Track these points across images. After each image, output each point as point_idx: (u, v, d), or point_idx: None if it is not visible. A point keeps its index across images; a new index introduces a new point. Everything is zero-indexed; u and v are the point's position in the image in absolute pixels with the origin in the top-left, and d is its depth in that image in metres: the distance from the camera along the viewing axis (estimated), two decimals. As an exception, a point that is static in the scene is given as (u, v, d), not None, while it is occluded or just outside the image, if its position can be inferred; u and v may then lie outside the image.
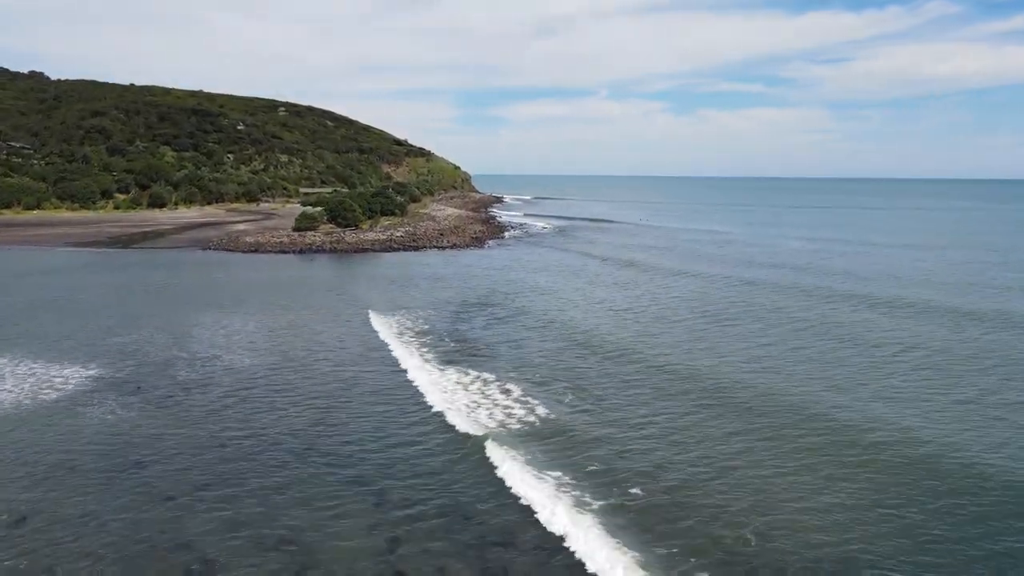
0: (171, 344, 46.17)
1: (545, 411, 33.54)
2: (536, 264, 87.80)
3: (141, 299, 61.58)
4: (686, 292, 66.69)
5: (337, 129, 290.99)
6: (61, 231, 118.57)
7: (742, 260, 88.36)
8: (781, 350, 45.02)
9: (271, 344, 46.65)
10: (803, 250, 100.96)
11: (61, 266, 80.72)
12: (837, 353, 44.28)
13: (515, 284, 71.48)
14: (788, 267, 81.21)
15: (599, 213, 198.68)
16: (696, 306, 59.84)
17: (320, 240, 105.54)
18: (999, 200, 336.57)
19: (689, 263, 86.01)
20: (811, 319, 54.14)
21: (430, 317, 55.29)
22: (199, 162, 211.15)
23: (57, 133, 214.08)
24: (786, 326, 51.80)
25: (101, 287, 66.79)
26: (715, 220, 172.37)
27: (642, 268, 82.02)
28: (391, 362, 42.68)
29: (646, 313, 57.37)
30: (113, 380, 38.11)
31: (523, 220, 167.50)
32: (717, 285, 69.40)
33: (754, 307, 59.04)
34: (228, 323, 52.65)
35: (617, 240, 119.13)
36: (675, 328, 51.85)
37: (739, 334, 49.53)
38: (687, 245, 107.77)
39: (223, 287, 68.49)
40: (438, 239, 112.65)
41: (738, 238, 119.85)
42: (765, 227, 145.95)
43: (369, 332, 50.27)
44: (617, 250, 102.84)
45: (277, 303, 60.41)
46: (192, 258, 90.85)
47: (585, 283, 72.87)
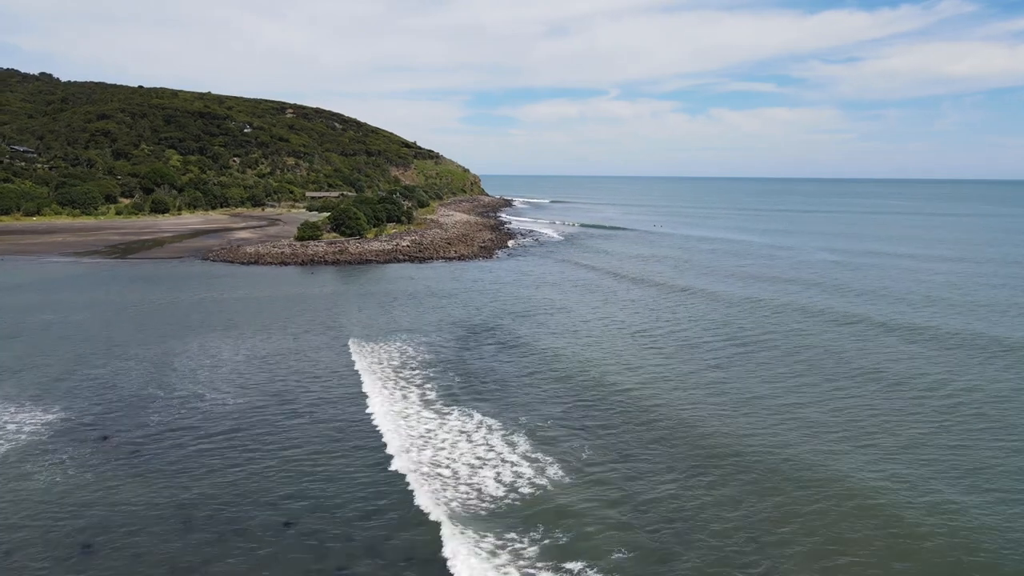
0: (149, 378, 42.31)
1: (554, 476, 29.37)
2: (546, 278, 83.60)
3: (126, 321, 57.85)
4: (708, 316, 62.24)
5: (345, 132, 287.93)
6: (59, 239, 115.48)
7: (765, 276, 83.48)
8: (821, 408, 40.65)
9: (257, 380, 42.67)
10: (828, 263, 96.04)
11: (48, 279, 77.27)
12: (878, 403, 39.87)
13: (524, 304, 67.29)
14: (816, 286, 76.11)
15: (610, 218, 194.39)
16: (720, 335, 55.45)
17: (323, 251, 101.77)
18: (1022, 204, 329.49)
19: (709, 280, 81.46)
20: (848, 354, 49.66)
21: (430, 344, 51.19)
22: (205, 166, 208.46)
23: (62, 136, 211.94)
24: (823, 369, 47.29)
25: (85, 306, 63.15)
26: (731, 226, 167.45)
27: (660, 286, 77.48)
28: (385, 407, 38.61)
29: (667, 344, 53.04)
30: (76, 427, 34.26)
31: (533, 226, 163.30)
32: (741, 309, 64.76)
33: (785, 341, 54.51)
34: (215, 351, 48.79)
35: (630, 250, 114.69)
36: (701, 366, 47.50)
37: (772, 377, 45.12)
38: (705, 258, 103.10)
39: (215, 306, 64.72)
40: (445, 249, 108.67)
41: (757, 249, 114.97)
42: (784, 235, 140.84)
43: (365, 363, 46.24)
44: (631, 263, 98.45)
45: (269, 326, 56.52)
46: (189, 271, 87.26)
47: (599, 302, 68.57)
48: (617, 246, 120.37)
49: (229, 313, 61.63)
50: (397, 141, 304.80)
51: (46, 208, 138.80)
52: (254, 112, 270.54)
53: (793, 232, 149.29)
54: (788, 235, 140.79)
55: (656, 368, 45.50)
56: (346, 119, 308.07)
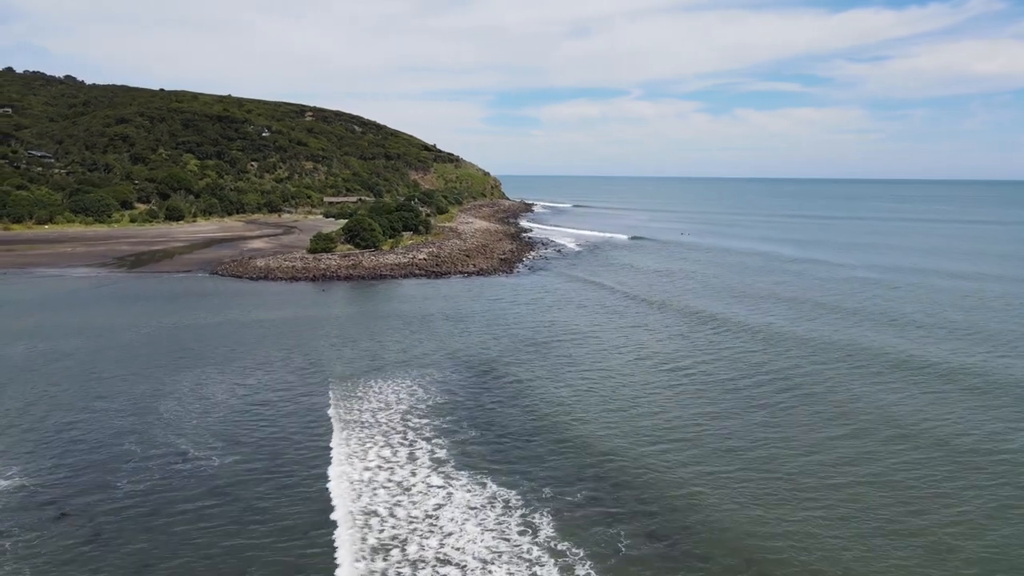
0: (128, 429, 37.96)
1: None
2: (568, 299, 78.48)
3: (116, 350, 53.77)
4: (744, 358, 56.70)
5: (364, 135, 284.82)
6: (67, 249, 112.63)
7: (802, 300, 76.61)
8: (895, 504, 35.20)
9: (251, 434, 38.11)
10: (869, 282, 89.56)
11: (46, 297, 73.74)
12: (941, 474, 34.34)
13: (545, 331, 62.25)
14: (859, 313, 69.29)
15: (634, 225, 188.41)
16: (760, 382, 50.03)
17: (336, 264, 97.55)
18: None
19: (742, 307, 75.63)
20: (901, 411, 44.06)
21: (443, 384, 46.36)
22: (222, 170, 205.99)
23: (81, 140, 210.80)
24: (878, 430, 41.79)
25: (76, 331, 59.26)
26: (760, 236, 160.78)
27: (690, 315, 71.58)
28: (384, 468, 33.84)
29: (705, 393, 47.74)
30: (32, 498, 29.92)
31: (554, 235, 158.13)
32: (781, 345, 58.77)
33: (831, 393, 49.03)
34: (208, 392, 44.41)
35: (656, 263, 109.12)
36: (743, 429, 42.19)
37: (821, 443, 39.79)
38: (735, 276, 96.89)
39: (216, 332, 60.52)
40: (463, 262, 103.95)
41: (790, 264, 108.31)
42: (818, 247, 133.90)
43: (372, 407, 41.51)
44: (658, 282, 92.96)
45: (271, 360, 52.09)
46: (195, 287, 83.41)
47: (625, 332, 63.28)
48: (642, 259, 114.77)
49: (230, 341, 57.35)
50: (417, 144, 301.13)
51: (59, 216, 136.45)
52: (273, 115, 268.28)
53: (826, 243, 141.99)
54: (822, 247, 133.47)
55: (696, 429, 40.25)
56: (365, 122, 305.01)
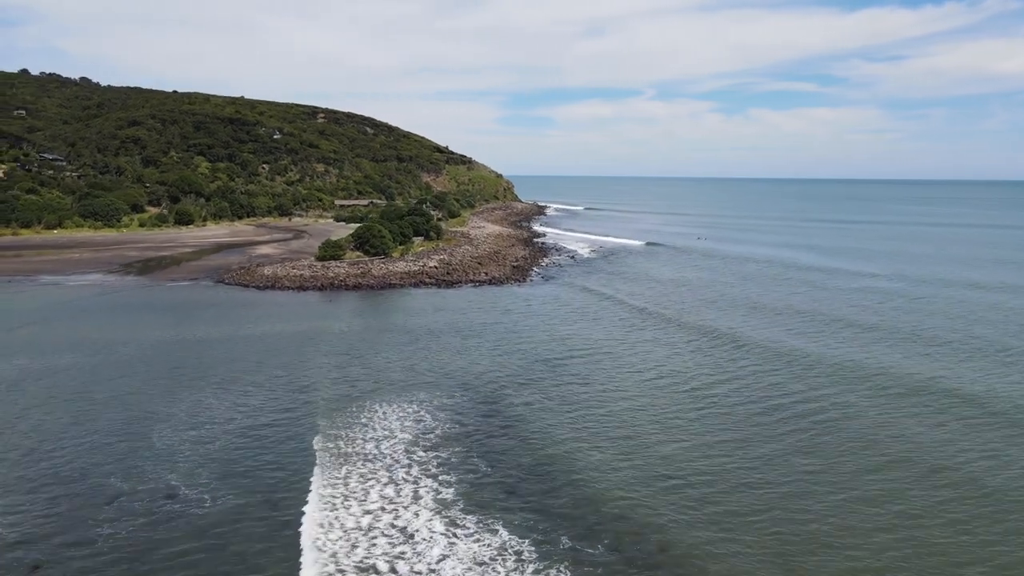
0: (116, 461, 35.71)
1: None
2: (583, 312, 75.72)
3: (111, 369, 51.65)
4: (766, 375, 53.78)
5: (376, 136, 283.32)
6: (75, 255, 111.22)
7: (824, 314, 72.56)
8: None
9: (247, 463, 35.73)
10: (892, 294, 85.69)
11: (46, 308, 71.93)
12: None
13: (560, 347, 59.55)
14: (882, 329, 65.43)
15: (649, 229, 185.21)
16: (784, 406, 47.14)
17: (344, 272, 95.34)
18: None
19: (763, 322, 72.49)
20: (931, 441, 40.96)
21: (451, 409, 43.81)
22: (233, 173, 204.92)
23: (93, 143, 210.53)
24: (907, 463, 38.74)
25: (72, 346, 57.24)
26: (779, 241, 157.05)
27: (708, 333, 68.18)
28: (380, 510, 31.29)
29: (726, 412, 44.89)
30: (2, 545, 27.61)
31: (567, 240, 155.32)
32: (802, 366, 55.76)
33: (857, 418, 46.01)
34: (206, 417, 42.13)
35: (674, 273, 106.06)
36: (769, 450, 39.32)
37: (847, 478, 36.86)
38: (755, 287, 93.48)
39: (218, 349, 58.34)
40: (475, 270, 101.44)
41: (810, 273, 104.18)
42: (838, 255, 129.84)
43: (376, 436, 39.01)
44: (674, 292, 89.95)
45: (274, 379, 49.74)
46: (200, 297, 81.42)
47: (644, 342, 60.52)
48: (658, 267, 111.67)
49: (230, 358, 55.11)
50: (429, 146, 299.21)
51: (68, 220, 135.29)
52: (285, 117, 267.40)
53: (847, 251, 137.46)
54: (843, 255, 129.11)
55: (719, 462, 37.42)
56: (378, 123, 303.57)
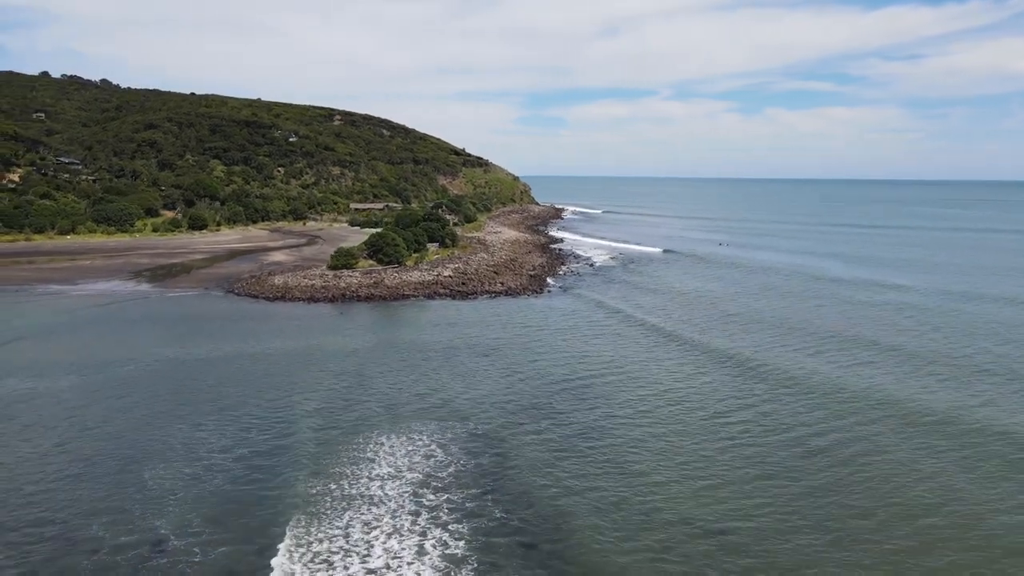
0: (102, 504, 33.24)
1: None
2: (602, 328, 72.60)
3: (108, 392, 49.37)
4: (795, 407, 50.47)
5: (393, 139, 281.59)
6: (86, 263, 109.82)
7: (856, 336, 67.85)
8: None
9: (238, 511, 33.10)
10: (927, 312, 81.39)
11: (48, 322, 70.05)
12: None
13: (579, 367, 56.51)
14: (921, 358, 60.85)
15: (669, 235, 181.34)
16: (817, 450, 43.83)
17: (357, 282, 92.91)
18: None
19: (792, 346, 68.84)
20: (973, 495, 37.44)
21: (464, 442, 40.93)
22: (249, 176, 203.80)
23: (110, 146, 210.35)
24: (945, 519, 35.21)
25: (69, 367, 55.07)
26: (802, 247, 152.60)
27: (732, 360, 65.24)
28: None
29: (757, 449, 41.66)
30: (-28, 614, 25.19)
31: (585, 246, 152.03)
32: (834, 399, 52.47)
33: (891, 464, 42.57)
34: (203, 452, 39.64)
35: (696, 284, 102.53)
36: (806, 502, 36.07)
37: (882, 531, 33.54)
38: (782, 303, 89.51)
39: (221, 369, 55.96)
40: (491, 280, 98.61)
41: (838, 286, 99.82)
42: (866, 264, 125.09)
43: (383, 472, 36.27)
44: (699, 310, 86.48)
45: (277, 405, 47.18)
46: (209, 309, 79.31)
47: (667, 363, 57.32)
48: (679, 278, 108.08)
49: (234, 381, 52.66)
50: (446, 148, 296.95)
51: (81, 226, 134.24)
52: (302, 119, 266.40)
53: (875, 260, 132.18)
54: (870, 265, 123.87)
55: (754, 508, 34.25)
56: (394, 125, 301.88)
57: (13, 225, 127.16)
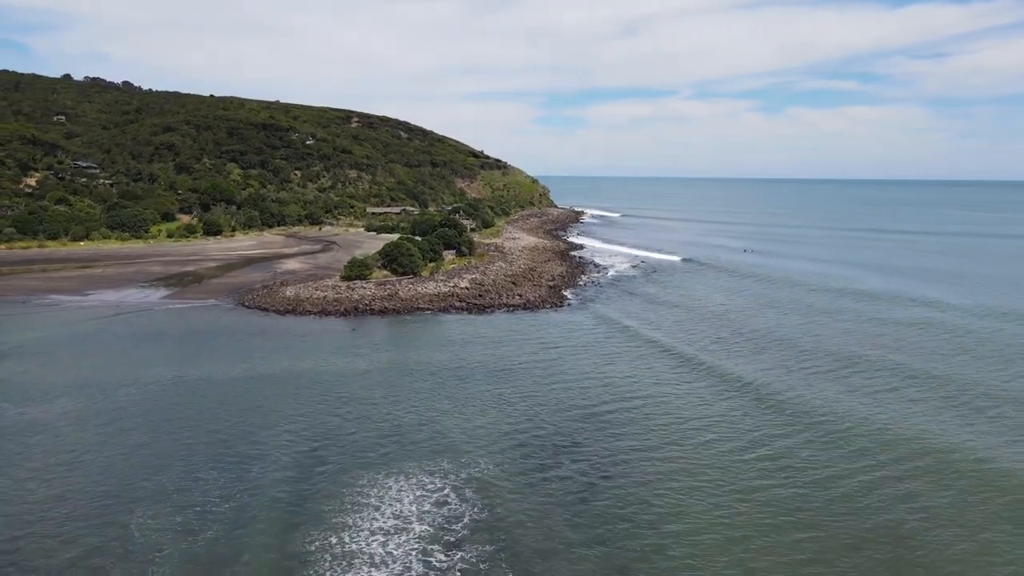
0: (78, 562, 30.30)
1: None
2: (624, 351, 68.96)
3: (103, 422, 46.70)
4: (832, 466, 46.55)
5: (410, 141, 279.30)
6: (98, 271, 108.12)
7: (893, 368, 63.09)
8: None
9: (224, 571, 30.07)
10: (968, 333, 75.59)
11: (50, 339, 67.83)
12: None
13: (602, 394, 52.99)
14: (970, 396, 54.77)
15: (691, 241, 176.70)
16: (861, 511, 39.93)
17: (370, 294, 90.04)
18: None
19: (821, 379, 64.88)
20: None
21: (479, 490, 37.58)
22: (265, 180, 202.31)
23: (128, 149, 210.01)
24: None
25: (65, 388, 52.59)
26: (831, 257, 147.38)
27: (768, 395, 61.38)
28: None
29: (793, 501, 37.89)
30: None
31: (605, 254, 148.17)
32: (876, 450, 48.40)
33: (939, 530, 38.51)
34: (195, 497, 36.72)
35: (720, 300, 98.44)
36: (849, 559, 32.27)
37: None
38: (809, 323, 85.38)
39: (224, 393, 53.22)
40: (509, 292, 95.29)
41: (869, 303, 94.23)
42: (905, 276, 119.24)
43: (383, 529, 33.09)
44: (724, 330, 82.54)
45: (275, 443, 44.18)
46: (217, 323, 76.82)
47: (694, 388, 53.65)
48: (702, 291, 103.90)
49: (235, 409, 49.81)
50: (464, 150, 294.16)
51: (95, 232, 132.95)
52: (319, 121, 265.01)
53: (913, 272, 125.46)
54: (910, 277, 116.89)
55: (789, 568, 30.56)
56: (412, 127, 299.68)
57: (27, 232, 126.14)
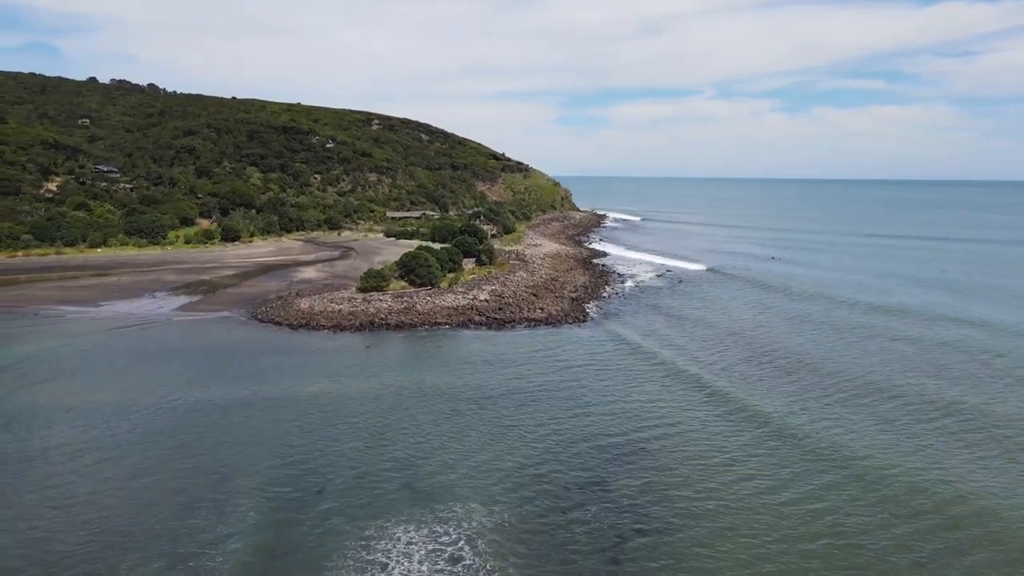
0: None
1: None
2: (650, 375, 65.32)
3: (93, 458, 44.16)
4: (887, 530, 42.65)
5: (431, 143, 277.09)
6: (113, 280, 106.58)
7: (945, 406, 58.67)
8: None
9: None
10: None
11: (53, 355, 65.77)
12: None
13: (629, 427, 49.47)
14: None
15: (717, 248, 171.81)
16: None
17: (387, 307, 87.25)
18: None
19: (861, 421, 60.66)
20: None
21: (492, 532, 34.29)
22: (285, 183, 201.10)
23: (149, 153, 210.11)
24: None
25: (59, 415, 50.25)
26: (865, 268, 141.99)
27: (804, 437, 57.44)
28: None
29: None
30: None
31: (628, 262, 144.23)
32: (926, 510, 44.34)
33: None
34: (187, 552, 33.86)
35: (752, 317, 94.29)
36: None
37: None
38: (854, 344, 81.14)
39: (228, 421, 50.56)
40: (530, 305, 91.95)
41: (912, 323, 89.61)
42: (943, 291, 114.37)
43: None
44: (753, 354, 78.52)
45: (276, 489, 41.30)
46: (228, 338, 74.45)
47: (729, 427, 49.93)
48: (730, 305, 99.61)
49: (240, 439, 47.09)
50: (485, 153, 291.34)
51: (112, 239, 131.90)
52: (340, 124, 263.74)
53: (951, 285, 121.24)
54: (946, 292, 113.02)
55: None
56: (433, 130, 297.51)
57: (45, 238, 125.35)
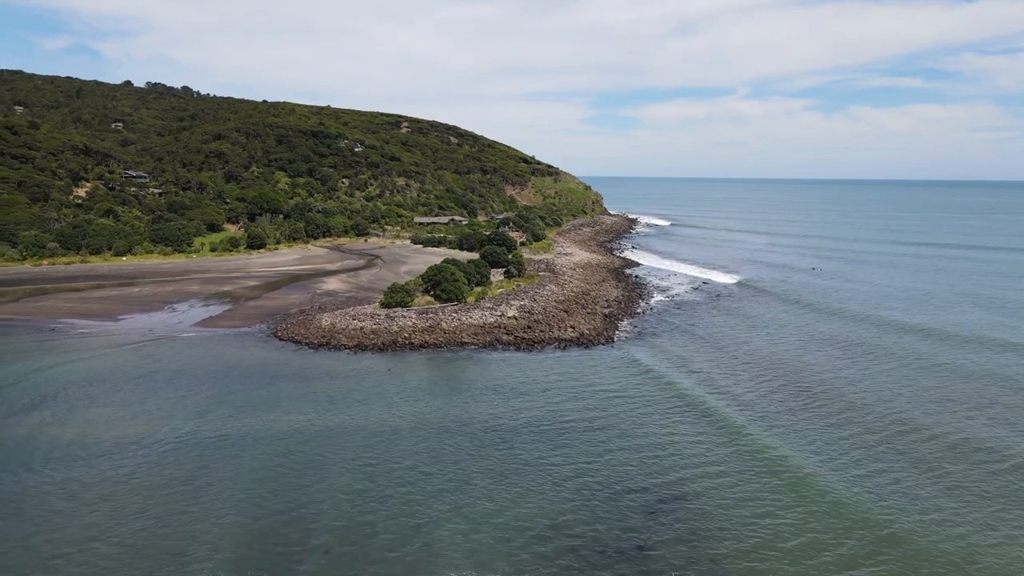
0: None
1: None
2: (691, 407, 60.48)
3: (93, 499, 40.93)
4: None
5: (460, 147, 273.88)
6: (135, 291, 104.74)
7: (1016, 462, 55.06)
8: None
9: None
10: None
11: (65, 377, 63.23)
12: None
13: (670, 474, 44.85)
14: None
15: (755, 258, 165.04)
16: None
17: (411, 325, 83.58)
18: None
19: (922, 485, 55.27)
20: None
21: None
22: (313, 188, 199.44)
23: (179, 157, 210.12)
24: None
25: (62, 451, 47.28)
26: (916, 283, 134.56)
27: (872, 505, 52.20)
28: None
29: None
30: None
31: (662, 273, 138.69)
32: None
33: None
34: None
35: (796, 340, 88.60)
36: None
37: None
38: (908, 380, 75.21)
39: (237, 460, 47.10)
40: (560, 322, 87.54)
41: (972, 352, 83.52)
42: (1012, 315, 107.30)
43: None
44: (804, 386, 73.02)
45: (275, 553, 37.56)
46: (245, 359, 71.37)
47: (774, 479, 45.03)
48: (772, 326, 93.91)
49: (245, 481, 43.56)
50: (515, 156, 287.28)
51: (138, 247, 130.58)
52: (368, 127, 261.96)
53: (1009, 307, 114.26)
54: (1004, 313, 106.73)
55: None
56: (462, 132, 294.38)
57: (70, 246, 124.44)
